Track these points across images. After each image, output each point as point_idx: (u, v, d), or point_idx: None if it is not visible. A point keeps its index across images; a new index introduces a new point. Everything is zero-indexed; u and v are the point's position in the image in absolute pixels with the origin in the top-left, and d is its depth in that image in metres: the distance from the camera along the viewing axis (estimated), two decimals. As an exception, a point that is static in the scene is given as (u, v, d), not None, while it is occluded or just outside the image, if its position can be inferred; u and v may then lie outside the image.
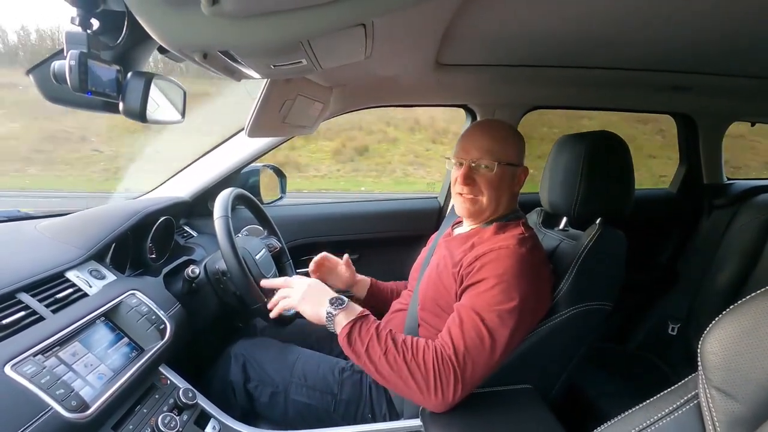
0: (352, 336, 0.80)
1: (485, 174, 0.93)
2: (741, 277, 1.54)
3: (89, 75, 0.54)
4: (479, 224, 0.99)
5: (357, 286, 1.22)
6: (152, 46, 0.67)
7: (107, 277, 0.93)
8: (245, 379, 0.99)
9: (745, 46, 0.98)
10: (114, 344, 0.81)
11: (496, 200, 0.95)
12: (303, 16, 0.51)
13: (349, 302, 0.85)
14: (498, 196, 0.94)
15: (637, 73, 1.28)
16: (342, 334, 0.81)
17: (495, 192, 0.94)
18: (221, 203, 1.02)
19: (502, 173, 0.93)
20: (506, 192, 0.96)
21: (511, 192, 0.97)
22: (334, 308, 0.83)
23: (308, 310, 0.86)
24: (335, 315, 0.83)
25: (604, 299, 0.93)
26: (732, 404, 0.45)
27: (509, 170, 0.94)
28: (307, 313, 0.86)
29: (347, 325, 0.81)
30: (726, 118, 1.77)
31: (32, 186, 4.13)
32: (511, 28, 0.92)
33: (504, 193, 0.95)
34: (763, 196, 1.62)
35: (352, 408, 0.97)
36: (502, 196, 0.95)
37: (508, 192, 0.96)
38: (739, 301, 0.47)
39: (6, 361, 0.62)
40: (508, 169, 0.94)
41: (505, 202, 0.97)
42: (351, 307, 0.84)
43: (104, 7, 0.56)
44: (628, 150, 1.00)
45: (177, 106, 0.79)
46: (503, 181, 0.94)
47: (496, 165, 0.91)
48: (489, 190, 0.93)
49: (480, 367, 0.79)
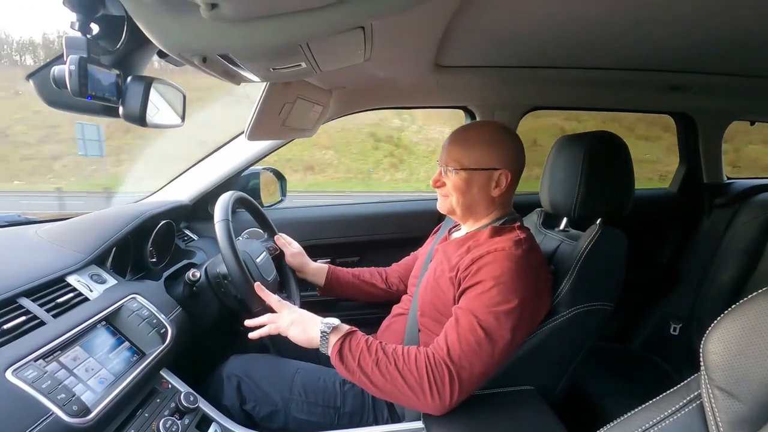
0: (343, 352, 0.80)
1: (452, 179, 0.95)
2: (742, 276, 1.54)
3: (89, 79, 0.54)
4: (475, 228, 0.99)
5: (313, 273, 1.24)
6: (152, 51, 0.67)
7: (108, 282, 0.93)
8: (241, 401, 0.95)
9: (744, 45, 0.98)
10: (115, 348, 0.81)
11: (465, 204, 0.95)
12: (302, 19, 0.51)
13: (339, 323, 0.85)
14: (466, 200, 0.95)
15: (636, 73, 1.28)
16: (333, 352, 0.81)
17: (462, 196, 0.95)
18: (221, 206, 1.02)
19: (468, 178, 0.93)
20: (480, 196, 0.95)
21: (488, 196, 0.95)
22: (327, 327, 0.83)
23: (298, 334, 0.85)
24: (329, 334, 0.83)
25: (606, 299, 0.93)
26: (735, 404, 0.45)
27: (479, 175, 0.93)
28: (297, 336, 0.85)
29: (337, 342, 0.81)
30: (725, 117, 1.77)
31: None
32: (510, 29, 0.92)
33: (476, 197, 0.95)
34: (763, 195, 1.62)
35: (355, 420, 0.96)
36: (474, 200, 0.95)
37: (482, 196, 0.95)
38: (741, 301, 0.47)
39: (7, 366, 0.62)
40: (477, 174, 0.93)
41: (483, 206, 0.96)
42: (340, 326, 0.85)
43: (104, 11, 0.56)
44: (627, 150, 1.00)
45: (177, 110, 0.79)
46: (471, 185, 0.94)
47: (462, 171, 0.93)
48: (456, 193, 0.95)
49: (478, 369, 0.78)
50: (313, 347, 0.84)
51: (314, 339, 0.83)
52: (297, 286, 1.24)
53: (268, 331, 0.88)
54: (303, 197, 7.98)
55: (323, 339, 0.83)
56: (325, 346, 0.83)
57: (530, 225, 1.16)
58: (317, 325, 0.84)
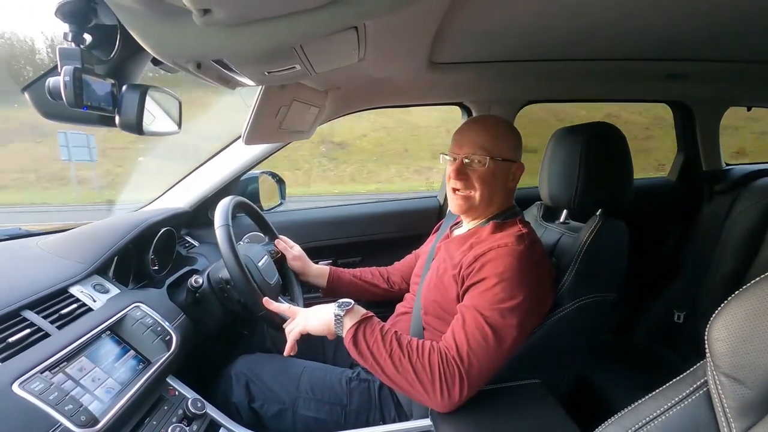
0: (357, 337, 0.81)
1: (478, 169, 0.92)
2: (744, 262, 1.54)
3: (84, 90, 0.54)
4: (476, 224, 0.99)
5: (315, 275, 1.24)
6: (146, 58, 0.67)
7: (111, 291, 0.93)
8: (249, 399, 0.97)
9: (738, 30, 0.98)
10: (120, 357, 0.81)
11: (489, 196, 0.94)
12: (295, 21, 0.51)
13: (354, 305, 0.85)
14: (491, 192, 0.94)
15: (631, 63, 1.28)
16: (347, 336, 0.81)
17: (487, 188, 0.93)
18: (221, 212, 1.02)
19: (495, 168, 0.92)
20: (500, 188, 0.95)
21: (506, 188, 0.96)
22: (341, 309, 0.83)
23: (315, 323, 0.86)
24: (343, 316, 0.83)
25: (608, 290, 0.93)
26: (742, 390, 0.45)
27: (503, 166, 0.93)
28: (315, 326, 0.86)
29: (352, 327, 0.81)
30: (722, 103, 1.77)
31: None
32: (503, 23, 0.92)
33: (498, 190, 0.95)
34: (762, 180, 1.62)
35: (362, 417, 0.96)
36: (496, 192, 0.95)
37: (501, 188, 0.95)
38: (744, 287, 0.47)
39: (14, 379, 0.62)
40: (501, 164, 0.93)
41: (500, 198, 0.96)
42: (355, 309, 0.85)
43: (96, 21, 0.56)
44: (625, 140, 1.00)
45: (173, 117, 0.79)
46: (496, 176, 0.93)
47: (489, 160, 0.91)
48: (481, 185, 0.93)
49: (486, 366, 0.79)
50: (333, 334, 0.85)
51: (331, 323, 0.84)
52: (300, 289, 1.25)
53: (293, 338, 0.89)
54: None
55: (338, 322, 0.83)
56: (340, 329, 0.83)
57: (530, 219, 1.16)
58: (331, 310, 0.84)
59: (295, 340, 0.89)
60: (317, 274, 1.25)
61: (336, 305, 0.84)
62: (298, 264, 1.24)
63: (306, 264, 1.25)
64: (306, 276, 1.25)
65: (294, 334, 0.89)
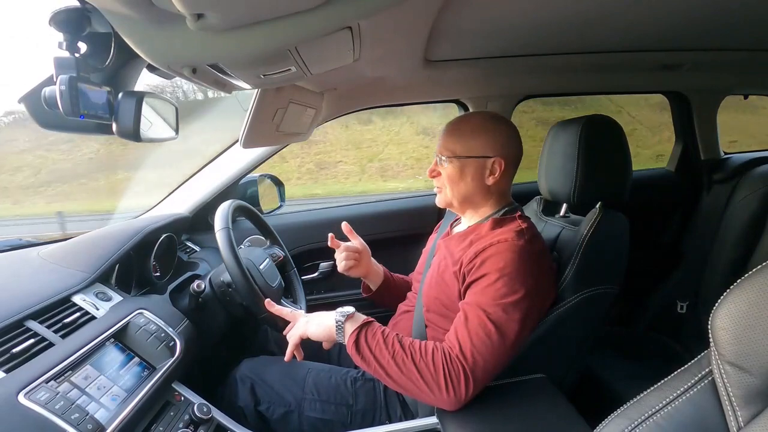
0: (359, 342, 0.81)
1: (446, 168, 0.95)
2: (746, 250, 1.54)
3: (80, 98, 0.54)
4: (476, 221, 0.99)
5: (372, 274, 1.18)
6: (141, 65, 0.67)
7: (113, 299, 0.93)
8: (255, 402, 0.97)
9: (733, 19, 0.98)
10: (125, 365, 0.81)
11: (461, 193, 0.95)
12: (289, 23, 0.51)
13: (354, 311, 0.85)
14: (461, 189, 0.94)
15: (627, 55, 1.28)
16: (349, 342, 0.81)
17: (456, 185, 0.94)
18: (221, 216, 1.02)
19: (461, 167, 0.93)
20: (474, 185, 0.94)
21: (483, 185, 0.94)
22: (342, 316, 0.83)
23: (316, 329, 0.86)
24: (344, 323, 0.83)
25: (610, 282, 0.93)
26: (746, 378, 0.45)
27: (472, 163, 0.93)
28: (316, 332, 0.86)
29: (353, 332, 0.81)
30: (718, 92, 1.77)
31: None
32: (497, 19, 0.92)
33: (471, 186, 0.94)
34: (761, 168, 1.62)
35: (368, 417, 0.97)
36: (469, 189, 0.94)
37: (476, 185, 0.94)
38: (746, 275, 0.47)
39: (19, 390, 0.62)
40: (469, 162, 0.92)
41: (480, 195, 0.95)
42: (356, 315, 0.85)
43: (90, 29, 0.56)
44: (622, 131, 1.00)
45: (170, 123, 0.79)
46: (464, 174, 0.93)
47: (455, 159, 0.93)
48: (449, 182, 0.95)
49: (491, 363, 0.79)
50: (332, 340, 0.85)
51: (331, 330, 0.84)
52: (302, 291, 1.25)
53: (293, 343, 0.89)
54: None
55: (339, 328, 0.83)
56: (341, 336, 0.83)
57: (530, 213, 1.16)
58: (332, 317, 0.84)
59: (295, 345, 0.89)
60: (375, 274, 1.19)
61: (337, 312, 0.84)
62: (366, 260, 1.15)
63: (368, 260, 1.17)
64: (366, 273, 1.17)
65: (294, 339, 0.89)
